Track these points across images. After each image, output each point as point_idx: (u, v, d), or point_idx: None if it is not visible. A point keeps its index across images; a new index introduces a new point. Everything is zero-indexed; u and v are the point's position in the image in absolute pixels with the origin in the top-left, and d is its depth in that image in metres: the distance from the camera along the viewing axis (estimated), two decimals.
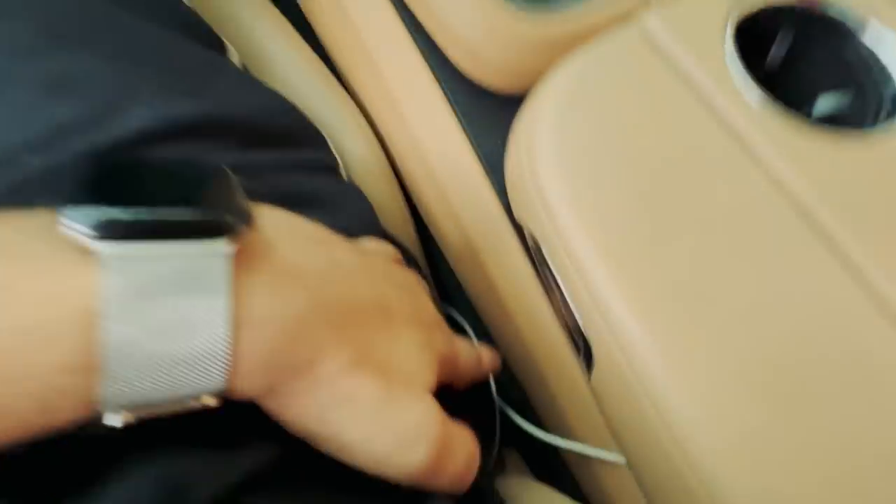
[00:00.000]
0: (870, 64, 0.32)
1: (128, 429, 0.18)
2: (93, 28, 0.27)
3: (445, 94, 0.36)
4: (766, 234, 0.26)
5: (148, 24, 0.29)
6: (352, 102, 0.42)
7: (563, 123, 0.30)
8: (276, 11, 0.42)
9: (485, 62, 0.34)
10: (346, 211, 0.32)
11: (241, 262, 0.19)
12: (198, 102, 0.27)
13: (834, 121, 0.31)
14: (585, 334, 0.29)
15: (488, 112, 0.36)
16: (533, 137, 0.30)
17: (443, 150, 0.38)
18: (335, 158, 0.36)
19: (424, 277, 0.33)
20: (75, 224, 0.16)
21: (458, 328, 0.36)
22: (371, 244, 0.30)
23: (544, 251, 0.30)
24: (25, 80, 0.24)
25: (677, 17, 0.32)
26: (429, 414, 0.22)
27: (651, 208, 0.27)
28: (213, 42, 0.34)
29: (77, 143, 0.24)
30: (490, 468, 0.32)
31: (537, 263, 0.33)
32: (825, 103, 0.32)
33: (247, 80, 0.33)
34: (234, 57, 0.36)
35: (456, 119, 0.37)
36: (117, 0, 0.28)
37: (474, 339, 0.32)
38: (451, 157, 0.37)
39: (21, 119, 0.24)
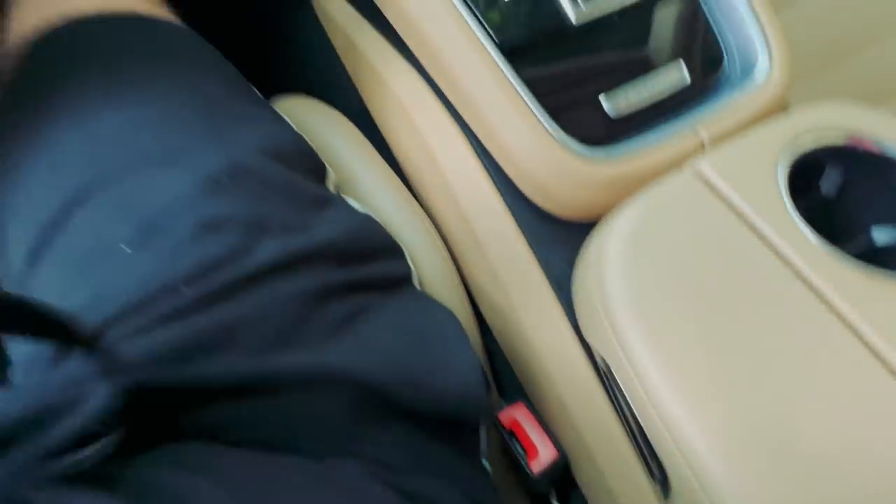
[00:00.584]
0: None
1: None
2: (239, 177, 0.32)
3: (514, 216, 0.39)
4: (838, 372, 0.28)
5: (278, 163, 0.34)
6: (427, 219, 0.46)
7: (630, 260, 0.33)
8: (363, 139, 0.47)
9: (551, 197, 0.38)
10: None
11: None
12: (309, 235, 0.32)
13: (885, 253, 0.33)
14: (661, 462, 0.30)
15: (555, 233, 0.39)
16: (601, 272, 0.33)
17: (510, 268, 0.41)
18: (410, 269, 0.40)
19: (489, 388, 0.35)
20: None
21: None
22: None
23: (616, 377, 0.32)
24: (185, 222, 0.30)
25: (730, 160, 0.35)
26: None
27: (720, 344, 0.29)
28: (319, 166, 0.40)
29: (220, 275, 0.28)
30: None
31: (608, 384, 0.35)
32: (879, 236, 0.34)
33: (344, 209, 0.38)
34: (332, 178, 0.41)
35: (524, 239, 0.40)
36: (263, 150, 0.34)
37: None
38: (518, 275, 0.40)
39: (179, 255, 0.29)
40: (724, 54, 0.42)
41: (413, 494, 0.27)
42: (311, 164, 0.39)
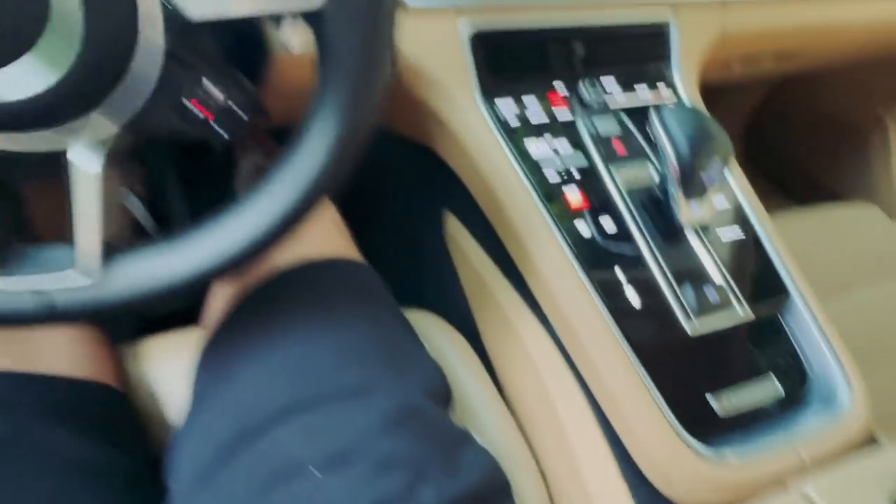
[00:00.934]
0: None
1: None
2: (410, 417, 0.36)
3: (634, 497, 0.42)
4: None
5: (435, 404, 0.39)
6: (534, 464, 0.48)
7: None
8: (480, 367, 0.52)
9: (672, 485, 0.41)
10: None
11: None
12: (458, 480, 0.35)
13: None
14: None
15: None
16: None
17: None
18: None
19: None
20: None
21: None
22: None
23: None
24: (367, 457, 0.33)
25: (835, 490, 0.39)
26: None
27: None
28: (449, 394, 0.44)
29: None
30: None
31: None
32: None
33: (478, 449, 0.41)
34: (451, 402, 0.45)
35: None
36: (426, 391, 0.39)
37: None
38: None
39: (360, 487, 0.32)
40: (809, 377, 0.48)
41: None
42: (447, 396, 0.44)
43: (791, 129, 1.22)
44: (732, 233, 0.51)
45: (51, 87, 0.24)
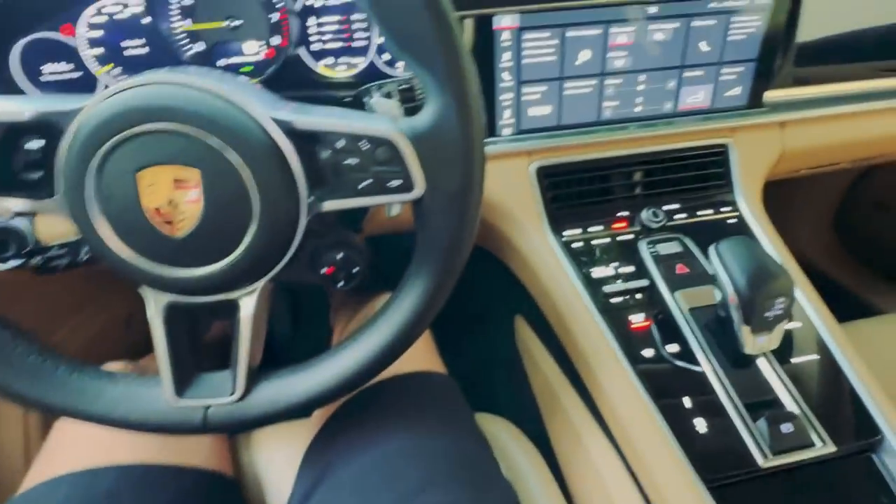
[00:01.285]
0: None
1: None
2: None
3: None
4: None
5: None
6: None
7: None
8: (550, 477, 0.55)
9: None
10: None
11: None
12: None
13: None
14: None
15: None
16: None
17: None
18: None
19: None
20: None
21: None
22: None
23: None
24: None
25: None
26: None
27: None
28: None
29: None
30: None
31: None
32: None
33: None
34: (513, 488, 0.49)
35: None
36: None
37: None
38: None
39: None
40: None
41: None
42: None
43: (891, 215, 1.16)
44: (808, 358, 0.51)
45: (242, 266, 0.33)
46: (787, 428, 0.45)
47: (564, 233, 0.58)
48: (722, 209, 0.61)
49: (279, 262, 0.35)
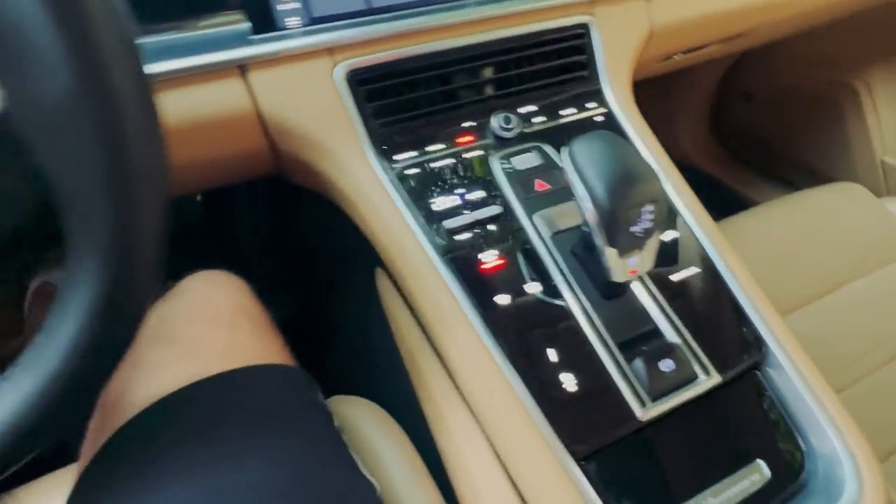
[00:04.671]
0: None
1: None
2: None
3: None
4: None
5: None
6: None
7: None
8: (418, 460, 0.44)
9: None
10: None
11: None
12: None
13: None
14: None
15: None
16: None
17: None
18: None
19: None
20: None
21: None
22: None
23: None
24: None
25: None
26: None
27: None
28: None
29: None
30: None
31: None
32: None
33: None
34: (377, 488, 0.37)
35: None
36: None
37: None
38: None
39: None
40: (804, 452, 0.39)
41: None
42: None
43: (759, 107, 1.14)
44: (688, 274, 0.42)
45: None
46: (666, 365, 0.37)
47: (395, 157, 0.44)
48: (588, 105, 0.50)
49: None
